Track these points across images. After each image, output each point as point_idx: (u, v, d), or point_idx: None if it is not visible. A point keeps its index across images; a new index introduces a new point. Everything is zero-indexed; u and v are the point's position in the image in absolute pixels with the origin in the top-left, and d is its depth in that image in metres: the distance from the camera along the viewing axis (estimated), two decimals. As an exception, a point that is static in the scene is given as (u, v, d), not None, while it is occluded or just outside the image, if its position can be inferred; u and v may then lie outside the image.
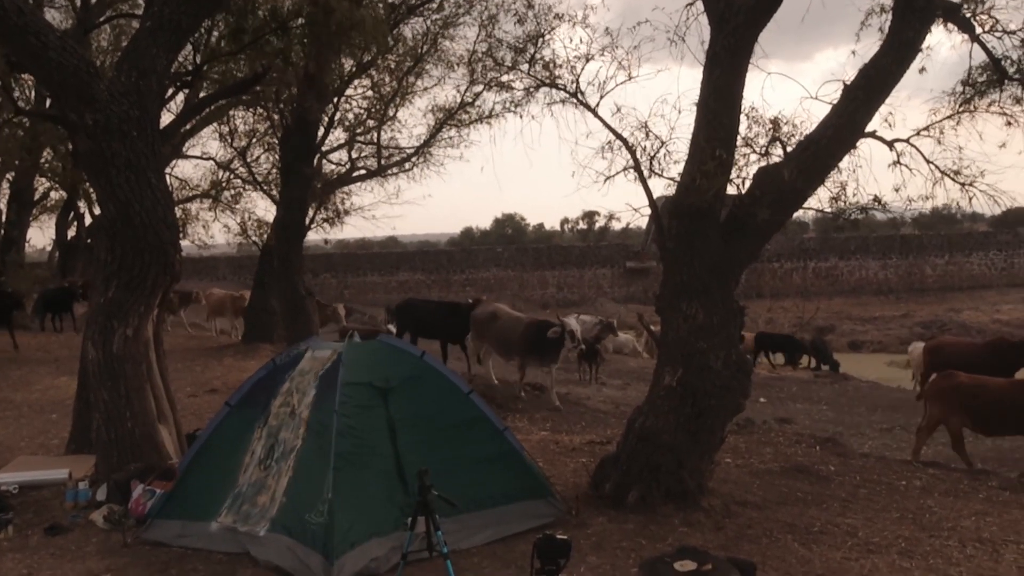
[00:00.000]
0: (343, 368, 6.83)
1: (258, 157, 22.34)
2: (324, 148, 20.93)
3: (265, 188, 21.69)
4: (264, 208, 33.54)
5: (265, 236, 21.23)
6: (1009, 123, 8.21)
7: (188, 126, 17.49)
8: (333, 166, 22.75)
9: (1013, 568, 6.46)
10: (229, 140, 21.72)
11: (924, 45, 7.58)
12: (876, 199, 7.87)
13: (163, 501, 7.11)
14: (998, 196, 8.00)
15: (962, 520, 7.53)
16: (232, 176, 22.56)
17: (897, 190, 8.07)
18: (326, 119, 19.73)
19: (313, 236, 21.81)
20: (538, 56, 9.07)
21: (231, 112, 19.85)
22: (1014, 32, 8.00)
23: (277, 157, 20.58)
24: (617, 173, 8.33)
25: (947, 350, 15.59)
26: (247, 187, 22.36)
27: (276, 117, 19.65)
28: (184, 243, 14.68)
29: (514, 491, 7.10)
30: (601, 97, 8.64)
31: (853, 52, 7.83)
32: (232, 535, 6.65)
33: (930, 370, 15.55)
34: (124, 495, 7.58)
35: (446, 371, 7.70)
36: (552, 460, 9.27)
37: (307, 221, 20.25)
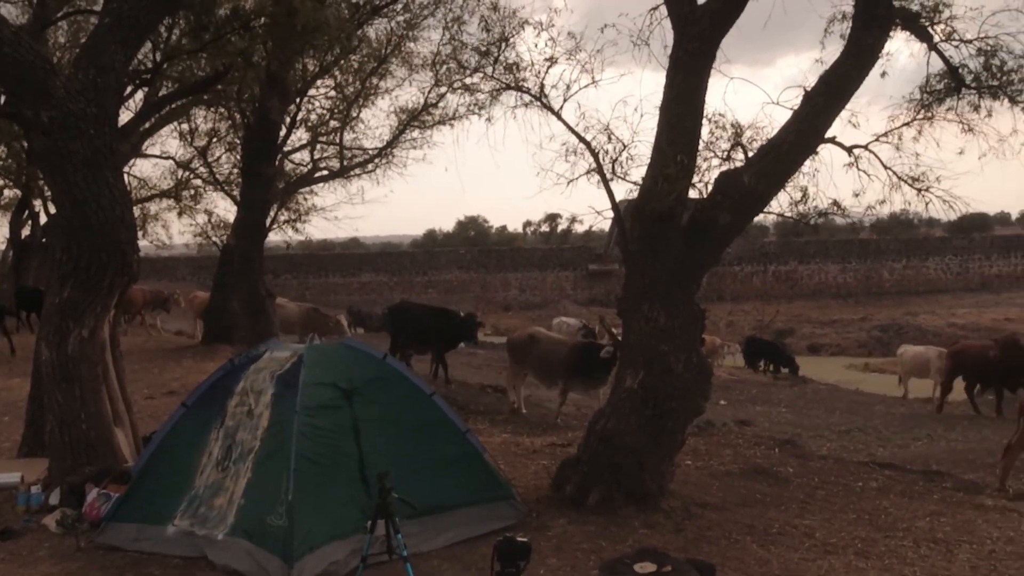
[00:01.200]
0: (305, 369, 6.77)
1: (219, 157, 22.14)
2: (286, 148, 20.81)
3: (226, 188, 21.48)
4: (225, 208, 33.23)
5: (225, 237, 21.02)
6: (965, 130, 8.31)
7: (147, 124, 17.22)
8: (295, 166, 22.61)
9: (966, 568, 6.56)
10: (189, 139, 21.49)
11: (884, 51, 7.70)
12: (835, 203, 7.95)
13: (118, 504, 6.99)
14: (953, 202, 8.12)
15: (917, 521, 7.64)
16: (192, 176, 22.31)
17: (857, 195, 8.15)
18: (288, 119, 19.60)
19: (274, 237, 21.68)
20: (502, 59, 9.04)
21: (191, 111, 19.61)
22: (971, 41, 8.10)
23: (238, 157, 20.41)
24: (580, 176, 8.34)
25: (969, 354, 15.77)
26: (207, 187, 22.13)
27: (237, 116, 19.49)
28: (142, 243, 14.48)
29: (475, 493, 7.09)
30: (565, 100, 8.65)
31: (818, 60, 7.91)
32: (189, 539, 6.55)
33: (952, 375, 15.77)
34: (78, 499, 7.44)
35: (408, 373, 7.71)
36: (513, 462, 9.26)
37: (268, 222, 20.11)
